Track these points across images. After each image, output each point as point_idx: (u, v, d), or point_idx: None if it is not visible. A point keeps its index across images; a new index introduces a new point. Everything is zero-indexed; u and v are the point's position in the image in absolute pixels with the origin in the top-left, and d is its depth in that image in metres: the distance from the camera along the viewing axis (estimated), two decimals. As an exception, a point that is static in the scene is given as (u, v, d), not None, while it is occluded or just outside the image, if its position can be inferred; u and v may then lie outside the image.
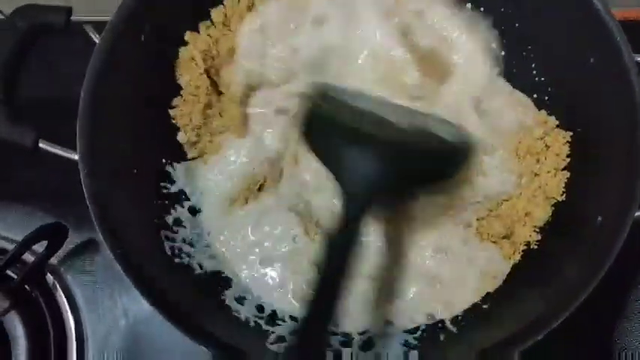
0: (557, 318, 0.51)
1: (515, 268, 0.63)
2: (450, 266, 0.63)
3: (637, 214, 0.53)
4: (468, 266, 0.63)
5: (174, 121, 0.67)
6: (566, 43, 0.63)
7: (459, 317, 0.62)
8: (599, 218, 0.55)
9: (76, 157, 0.55)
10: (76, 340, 0.71)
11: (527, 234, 0.63)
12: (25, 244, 0.67)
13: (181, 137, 0.67)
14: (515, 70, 0.69)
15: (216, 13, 0.67)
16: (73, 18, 0.61)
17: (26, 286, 0.71)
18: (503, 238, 0.64)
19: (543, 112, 0.66)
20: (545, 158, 0.63)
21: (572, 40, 0.62)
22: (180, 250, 0.63)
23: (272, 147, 0.67)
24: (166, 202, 0.65)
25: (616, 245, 0.53)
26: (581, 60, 0.60)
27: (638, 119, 0.55)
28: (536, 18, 0.65)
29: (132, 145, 0.61)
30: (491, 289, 0.63)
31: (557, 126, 0.65)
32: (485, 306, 0.62)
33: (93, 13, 0.65)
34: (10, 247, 0.69)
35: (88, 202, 0.54)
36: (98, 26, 0.60)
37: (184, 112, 0.65)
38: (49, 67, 0.77)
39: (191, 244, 0.65)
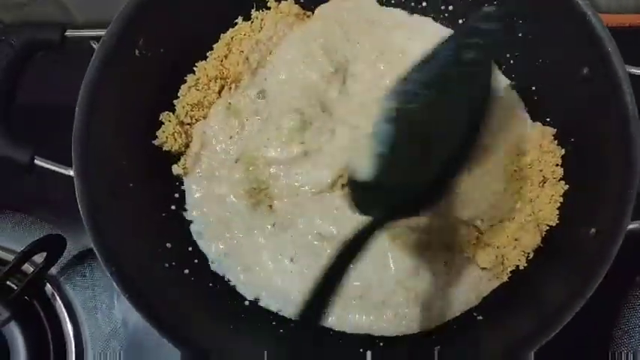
0: (552, 330, 0.51)
1: (503, 285, 0.64)
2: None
3: (630, 226, 0.53)
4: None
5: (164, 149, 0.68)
6: (560, 54, 0.63)
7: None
8: (593, 230, 0.55)
9: (71, 172, 0.56)
10: (75, 348, 0.72)
11: (517, 258, 0.62)
12: (25, 256, 0.68)
13: (175, 169, 0.68)
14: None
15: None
16: (67, 34, 0.61)
17: (26, 297, 0.71)
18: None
19: (538, 123, 0.66)
20: (541, 184, 0.63)
21: (565, 52, 0.62)
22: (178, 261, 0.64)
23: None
24: (163, 214, 0.66)
25: (611, 254, 0.52)
26: (575, 71, 0.60)
27: (631, 129, 0.55)
28: (529, 27, 0.66)
29: (127, 159, 0.62)
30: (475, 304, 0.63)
31: (554, 136, 0.65)
32: (479, 317, 0.62)
33: (90, 25, 0.65)
34: (10, 258, 0.69)
35: (83, 219, 0.55)
36: (93, 42, 0.60)
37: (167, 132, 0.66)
38: (45, 84, 0.77)
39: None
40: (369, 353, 0.60)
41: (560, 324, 0.51)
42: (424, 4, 0.73)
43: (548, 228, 0.62)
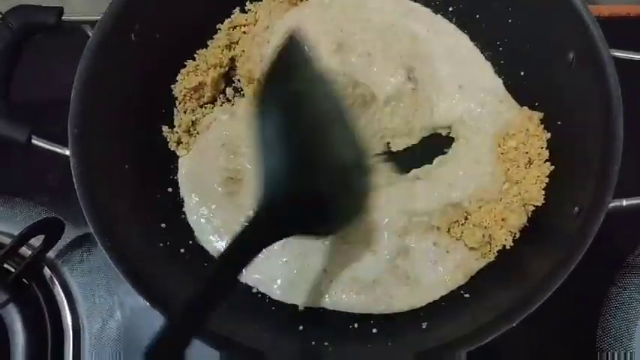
0: (533, 305, 0.53)
1: (490, 264, 0.65)
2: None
3: (612, 204, 0.54)
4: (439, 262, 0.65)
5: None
6: (547, 40, 0.64)
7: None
8: (576, 209, 0.57)
9: (67, 152, 0.57)
10: (73, 331, 0.72)
11: (503, 237, 0.63)
12: (22, 239, 0.68)
13: (180, 151, 0.71)
14: (495, 67, 0.71)
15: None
16: (64, 18, 0.62)
17: (24, 280, 0.72)
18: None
19: (526, 108, 0.67)
20: (527, 165, 0.65)
21: (552, 37, 0.63)
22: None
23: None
24: (158, 196, 0.67)
25: (592, 230, 0.54)
26: (561, 56, 0.62)
27: (613, 109, 0.56)
28: (517, 13, 0.67)
29: (123, 141, 0.63)
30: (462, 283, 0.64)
31: (541, 120, 0.66)
32: (466, 295, 0.64)
33: (86, 13, 0.67)
34: (8, 241, 0.70)
35: (79, 197, 0.56)
36: (90, 26, 0.62)
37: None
38: (43, 65, 0.78)
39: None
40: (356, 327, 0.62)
41: (541, 298, 0.52)
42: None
43: (534, 208, 0.64)
